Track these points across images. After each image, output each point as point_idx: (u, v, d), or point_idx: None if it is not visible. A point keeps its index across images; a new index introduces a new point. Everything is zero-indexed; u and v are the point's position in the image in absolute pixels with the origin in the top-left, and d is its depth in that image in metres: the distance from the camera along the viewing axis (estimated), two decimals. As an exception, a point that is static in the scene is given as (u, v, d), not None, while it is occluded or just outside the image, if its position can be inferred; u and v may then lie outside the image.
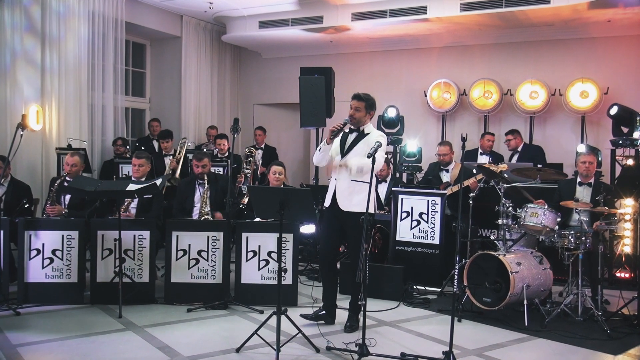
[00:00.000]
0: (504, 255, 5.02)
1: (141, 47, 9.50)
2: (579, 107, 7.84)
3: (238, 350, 4.07)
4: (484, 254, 5.13)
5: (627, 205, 5.24)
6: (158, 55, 9.55)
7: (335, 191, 4.57)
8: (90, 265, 5.29)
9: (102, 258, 5.27)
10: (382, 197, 6.71)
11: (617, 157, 6.91)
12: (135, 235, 5.29)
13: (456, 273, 4.12)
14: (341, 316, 4.78)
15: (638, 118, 6.54)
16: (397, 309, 5.32)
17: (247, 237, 5.28)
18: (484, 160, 7.45)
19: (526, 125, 8.31)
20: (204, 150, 7.93)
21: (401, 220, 6.19)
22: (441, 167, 6.76)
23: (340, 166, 4.57)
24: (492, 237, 6.19)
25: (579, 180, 5.64)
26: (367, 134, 4.57)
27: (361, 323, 3.93)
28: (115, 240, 5.11)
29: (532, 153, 7.50)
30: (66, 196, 5.70)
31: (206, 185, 5.82)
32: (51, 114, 7.15)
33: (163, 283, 5.40)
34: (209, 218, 5.72)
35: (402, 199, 6.21)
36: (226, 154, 7.85)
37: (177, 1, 8.49)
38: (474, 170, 6.02)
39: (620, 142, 6.64)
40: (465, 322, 4.93)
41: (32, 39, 6.93)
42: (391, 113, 7.88)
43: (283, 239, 4.72)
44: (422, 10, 7.65)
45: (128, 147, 7.96)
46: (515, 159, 7.49)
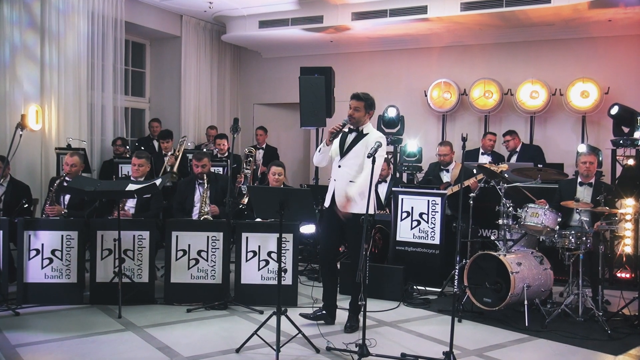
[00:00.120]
0: (505, 255, 5.01)
1: (141, 46, 9.50)
2: (579, 107, 7.83)
3: (238, 350, 4.07)
4: (484, 254, 5.12)
5: (627, 206, 5.24)
6: (158, 55, 9.54)
7: (334, 193, 4.56)
8: (90, 266, 5.29)
9: (102, 258, 5.26)
10: (382, 197, 6.70)
11: (617, 157, 6.91)
12: (134, 236, 5.28)
13: (456, 273, 4.11)
14: (341, 316, 4.77)
15: (639, 118, 6.54)
16: (397, 309, 5.31)
17: (247, 237, 5.28)
18: (485, 160, 7.44)
19: (527, 125, 8.30)
20: (204, 150, 7.92)
21: (401, 220, 6.18)
22: (441, 167, 6.75)
23: (339, 167, 4.56)
24: (492, 237, 6.18)
25: (579, 180, 5.63)
26: (366, 134, 4.55)
27: (361, 323, 3.92)
28: (115, 240, 5.10)
29: (531, 153, 7.49)
30: (66, 196, 5.69)
31: (206, 185, 5.81)
32: (50, 113, 7.14)
33: (163, 283, 5.39)
34: (209, 218, 5.71)
35: (402, 199, 6.19)
36: (226, 154, 7.84)
37: (176, 1, 8.47)
38: (474, 170, 6.00)
39: (621, 142, 6.63)
40: (465, 322, 4.92)
41: (31, 38, 6.91)
42: (391, 113, 7.88)
43: (283, 239, 4.70)
44: (423, 9, 7.64)
45: (127, 147, 7.96)
46: (514, 159, 7.48)
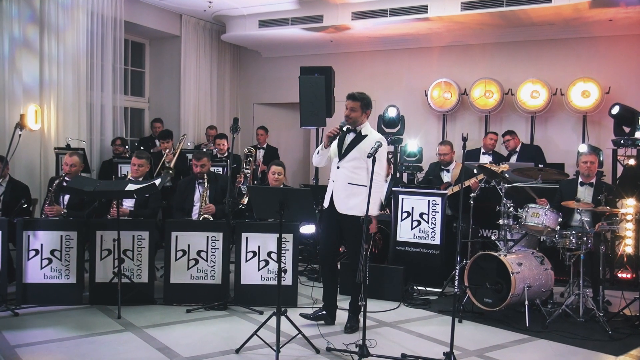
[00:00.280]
0: (505, 255, 4.99)
1: (140, 46, 9.48)
2: (580, 106, 7.81)
3: (237, 351, 4.06)
4: (484, 255, 5.11)
5: (628, 206, 5.22)
6: (157, 54, 9.53)
7: (332, 194, 4.55)
8: (89, 266, 5.27)
9: (101, 258, 5.25)
10: (382, 197, 6.67)
11: (618, 157, 6.89)
12: (134, 236, 5.27)
13: (457, 273, 4.10)
14: (341, 317, 4.76)
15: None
16: (398, 309, 5.30)
17: (247, 238, 5.26)
18: (486, 160, 7.42)
19: (527, 125, 8.29)
20: (204, 150, 7.90)
21: (402, 220, 6.16)
22: (442, 167, 6.73)
23: (338, 168, 4.55)
24: (493, 238, 6.17)
25: (580, 180, 5.63)
26: (365, 135, 4.52)
27: (361, 324, 3.91)
28: (114, 240, 5.09)
29: (531, 153, 7.48)
30: (65, 196, 5.68)
31: (206, 185, 5.80)
32: (50, 113, 7.12)
33: (162, 283, 5.38)
34: (208, 217, 5.69)
35: (402, 199, 6.18)
36: (226, 154, 7.83)
37: (176, 0, 8.46)
38: (475, 170, 5.99)
39: (622, 141, 6.62)
40: (466, 322, 4.91)
41: (31, 36, 6.89)
42: (392, 113, 7.87)
43: (283, 239, 4.69)
44: (423, 9, 7.63)
45: (127, 146, 7.94)
46: (513, 159, 7.46)
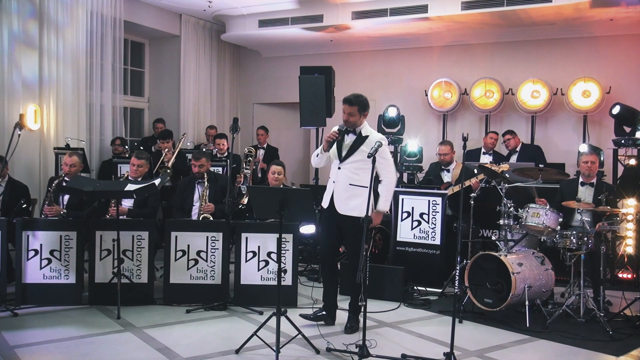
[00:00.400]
0: (505, 255, 4.98)
1: (140, 46, 9.47)
2: (581, 106, 7.80)
3: (237, 351, 4.05)
4: (485, 255, 5.10)
5: (629, 206, 5.21)
6: (157, 54, 9.51)
7: (333, 194, 4.53)
8: (89, 266, 5.26)
9: (101, 259, 5.24)
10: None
11: (619, 157, 6.87)
12: (133, 236, 5.26)
13: (457, 274, 4.09)
14: (341, 317, 4.75)
15: (640, 117, 6.52)
16: (398, 309, 5.29)
17: (247, 238, 5.25)
18: (486, 159, 7.41)
19: (528, 125, 8.28)
20: (203, 150, 7.88)
21: (402, 220, 6.15)
22: (442, 167, 6.72)
23: (339, 169, 4.53)
24: (493, 238, 6.16)
25: (581, 180, 5.62)
26: (366, 136, 4.50)
27: (361, 324, 3.90)
28: (114, 240, 5.08)
29: (531, 153, 7.47)
30: (65, 196, 5.67)
31: (205, 184, 5.79)
32: (49, 113, 7.10)
33: (162, 284, 5.37)
34: (208, 217, 5.68)
35: (402, 199, 6.17)
36: (225, 154, 7.81)
37: (176, 0, 8.44)
38: (475, 170, 5.98)
39: (623, 141, 6.61)
40: (466, 323, 4.90)
41: (29, 40, 6.87)
42: (392, 112, 7.85)
43: (283, 240, 4.68)
44: (423, 8, 7.61)
45: (127, 146, 7.92)
46: (514, 158, 7.46)
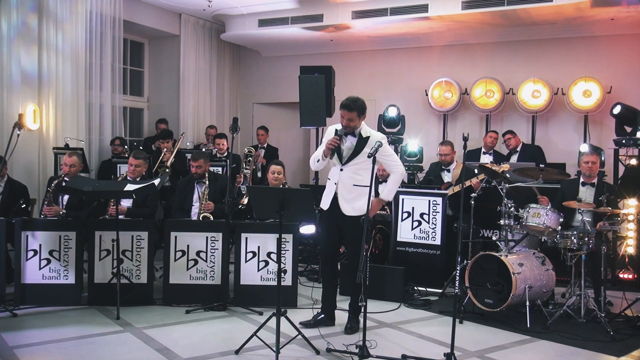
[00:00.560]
0: (506, 256, 4.97)
1: (139, 45, 9.46)
2: (581, 106, 7.78)
3: (237, 352, 4.04)
4: (485, 255, 5.09)
5: (630, 206, 5.21)
6: (156, 53, 9.50)
7: (336, 196, 4.49)
8: (88, 266, 5.25)
9: (100, 259, 5.23)
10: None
11: (620, 157, 6.85)
12: (133, 236, 5.25)
13: (457, 274, 4.08)
14: (341, 317, 4.74)
15: (641, 117, 6.51)
16: (398, 310, 5.28)
17: (247, 238, 5.24)
18: (487, 159, 7.40)
19: (528, 125, 8.27)
20: (203, 150, 7.87)
21: (402, 220, 6.14)
22: (442, 167, 6.71)
23: (342, 171, 4.50)
24: (493, 238, 6.13)
25: (581, 180, 5.60)
26: (367, 137, 4.47)
27: (362, 324, 3.89)
28: (113, 240, 5.06)
29: (531, 153, 7.46)
30: (64, 197, 5.65)
31: (206, 184, 5.77)
32: (48, 113, 7.08)
33: (161, 284, 5.36)
34: (208, 216, 5.66)
35: (403, 199, 6.15)
36: (225, 154, 7.80)
37: (175, -1, 8.46)
38: (476, 170, 5.97)
39: (624, 141, 6.60)
40: (466, 323, 4.89)
41: (28, 40, 6.85)
42: (392, 112, 7.85)
43: (283, 240, 4.67)
44: (423, 8, 7.60)
45: (126, 146, 7.90)
46: (514, 158, 7.45)
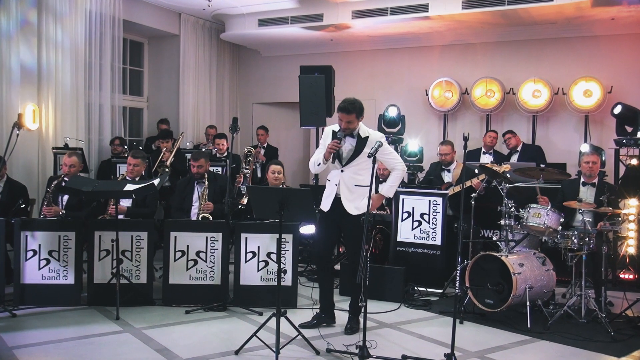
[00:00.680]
0: (507, 256, 4.96)
1: (139, 45, 9.44)
2: (582, 106, 7.77)
3: (237, 352, 4.03)
4: (486, 255, 5.08)
5: (631, 206, 5.20)
6: (156, 53, 9.49)
7: (338, 197, 4.47)
8: (88, 266, 5.25)
9: (100, 259, 5.22)
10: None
11: (621, 157, 6.85)
12: (132, 236, 5.24)
13: (458, 274, 4.07)
14: (341, 318, 4.73)
15: (642, 117, 6.50)
16: (398, 310, 5.27)
17: (246, 238, 5.23)
18: (487, 159, 7.39)
19: (529, 125, 8.25)
20: (203, 149, 7.86)
21: (402, 220, 6.13)
22: (443, 167, 6.69)
23: (342, 172, 4.47)
24: (494, 238, 6.12)
25: (582, 180, 5.59)
26: (366, 137, 4.45)
27: (362, 325, 3.88)
28: (113, 241, 5.06)
29: (532, 153, 7.46)
30: (64, 197, 5.64)
31: (205, 184, 5.76)
32: (48, 113, 7.07)
33: (161, 284, 5.35)
34: (207, 216, 5.65)
35: (403, 199, 6.14)
36: (225, 154, 7.79)
37: (175, -1, 8.45)
38: (476, 171, 5.95)
39: (624, 141, 6.60)
40: (467, 324, 4.88)
41: (27, 39, 6.84)
42: (392, 112, 7.84)
43: (283, 240, 4.65)
44: (424, 8, 7.58)
45: (126, 146, 7.88)
46: (514, 158, 7.44)
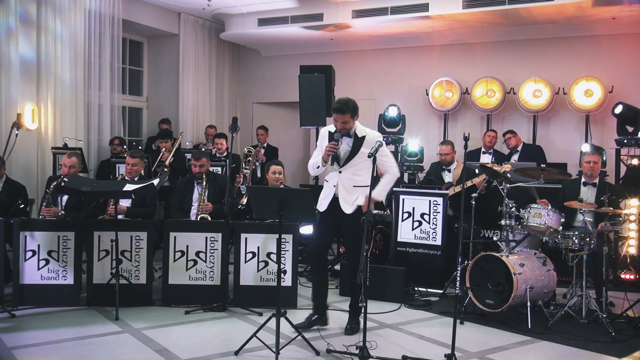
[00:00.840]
0: (507, 256, 4.95)
1: (138, 44, 9.44)
2: (583, 105, 7.76)
3: (237, 352, 4.02)
4: (486, 255, 5.07)
5: (632, 206, 5.19)
6: (155, 53, 9.48)
7: (336, 198, 4.45)
8: (87, 267, 5.24)
9: (99, 259, 5.21)
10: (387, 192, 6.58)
11: (622, 157, 6.84)
12: (132, 236, 5.23)
13: (458, 275, 4.06)
14: (342, 318, 4.72)
15: (643, 117, 6.49)
16: (399, 311, 5.26)
17: (246, 238, 5.22)
18: (487, 159, 7.38)
19: (529, 125, 8.25)
20: (202, 149, 7.84)
21: (402, 220, 6.11)
22: (443, 167, 6.67)
23: (340, 173, 4.46)
24: (494, 238, 6.12)
25: (583, 180, 5.58)
26: (363, 137, 4.43)
27: (362, 325, 3.87)
28: (112, 241, 5.05)
29: (532, 153, 7.45)
30: (63, 197, 5.63)
31: (204, 184, 5.75)
32: (47, 113, 7.06)
33: (160, 285, 5.34)
34: (206, 217, 5.63)
35: (403, 200, 6.13)
36: (225, 154, 7.78)
37: (175, -2, 8.44)
38: (477, 170, 5.94)
39: (625, 141, 6.60)
40: (467, 324, 4.87)
41: (27, 39, 6.82)
42: (392, 112, 7.83)
43: (282, 240, 4.64)
44: (424, 7, 7.58)
45: (125, 146, 7.88)
46: (515, 158, 7.44)
